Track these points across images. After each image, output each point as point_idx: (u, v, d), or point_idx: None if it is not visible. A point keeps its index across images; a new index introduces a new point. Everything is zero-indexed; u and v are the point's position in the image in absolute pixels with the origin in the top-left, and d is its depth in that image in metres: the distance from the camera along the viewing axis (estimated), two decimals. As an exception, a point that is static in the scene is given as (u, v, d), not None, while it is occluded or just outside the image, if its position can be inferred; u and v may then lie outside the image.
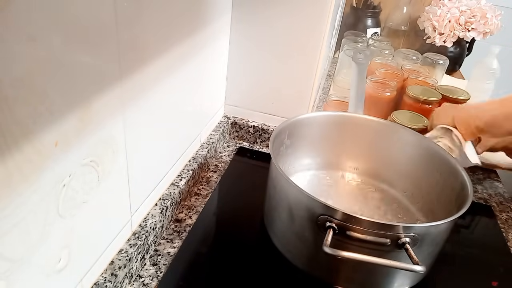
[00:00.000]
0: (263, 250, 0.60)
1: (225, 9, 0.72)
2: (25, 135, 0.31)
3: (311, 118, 0.70)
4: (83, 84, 0.37)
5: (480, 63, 1.12)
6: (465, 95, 0.92)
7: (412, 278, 0.55)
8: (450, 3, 1.26)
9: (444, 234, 0.53)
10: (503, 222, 0.73)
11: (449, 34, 1.26)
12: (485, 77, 1.10)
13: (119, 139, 0.45)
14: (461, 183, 0.58)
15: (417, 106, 0.87)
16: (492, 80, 1.10)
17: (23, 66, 0.29)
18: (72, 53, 0.35)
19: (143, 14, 0.45)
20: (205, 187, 0.72)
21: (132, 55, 0.45)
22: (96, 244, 0.46)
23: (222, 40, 0.75)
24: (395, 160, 0.70)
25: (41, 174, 0.34)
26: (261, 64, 0.79)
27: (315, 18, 0.72)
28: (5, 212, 0.30)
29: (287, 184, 0.53)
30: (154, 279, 0.53)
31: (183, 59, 0.58)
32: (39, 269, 0.37)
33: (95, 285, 0.47)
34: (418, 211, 0.66)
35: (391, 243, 0.48)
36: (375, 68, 0.98)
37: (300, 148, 0.71)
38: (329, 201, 0.49)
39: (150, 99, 0.51)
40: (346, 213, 0.48)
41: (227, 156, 0.81)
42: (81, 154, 0.39)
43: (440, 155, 0.64)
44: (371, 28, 1.32)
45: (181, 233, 0.61)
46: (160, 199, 0.61)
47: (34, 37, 0.30)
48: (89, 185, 0.41)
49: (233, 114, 0.86)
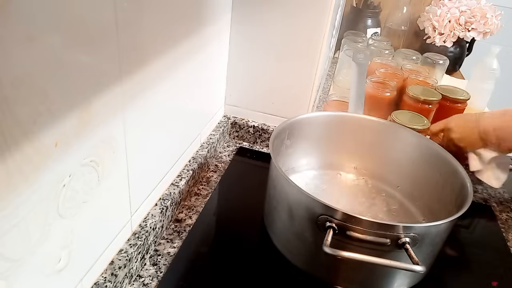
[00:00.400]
0: (263, 250, 0.60)
1: (225, 10, 0.72)
2: (25, 135, 0.31)
3: (311, 118, 0.70)
4: (83, 84, 0.37)
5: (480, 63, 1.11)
6: (465, 95, 0.92)
7: (412, 278, 0.55)
8: (450, 3, 1.26)
9: (444, 234, 0.53)
10: (503, 222, 0.73)
11: (449, 34, 1.26)
12: (485, 77, 1.09)
13: (119, 139, 0.45)
14: (461, 183, 0.58)
15: (417, 106, 0.87)
16: (492, 80, 1.09)
17: (23, 66, 0.29)
18: (72, 53, 0.35)
19: (143, 15, 0.45)
20: (205, 187, 0.72)
21: (132, 55, 0.45)
22: (96, 244, 0.46)
23: (222, 40, 0.75)
24: (395, 160, 0.70)
25: (41, 174, 0.34)
26: (261, 64, 0.79)
27: (315, 18, 0.72)
28: (5, 212, 0.30)
29: (287, 184, 0.53)
30: (154, 279, 0.53)
31: (183, 59, 0.58)
32: (39, 269, 0.37)
33: (95, 285, 0.47)
34: (418, 211, 0.66)
35: (391, 243, 0.48)
36: (375, 68, 0.98)
37: (300, 148, 0.71)
38: (329, 201, 0.49)
39: (150, 99, 0.51)
40: (346, 213, 0.48)
41: (227, 156, 0.81)
42: (81, 154, 0.39)
43: (440, 155, 0.64)
44: (371, 28, 1.32)
45: (181, 233, 0.61)
46: (160, 199, 0.61)
47: (34, 37, 0.30)
48: (89, 185, 0.41)
49: (233, 114, 0.86)
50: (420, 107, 0.87)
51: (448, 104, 0.91)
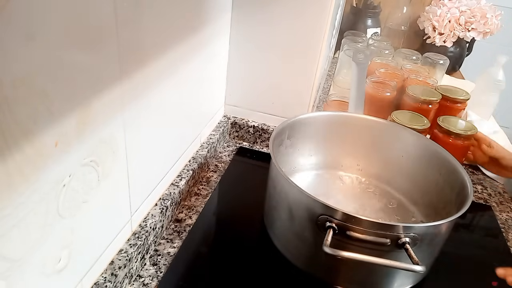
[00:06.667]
0: (263, 250, 0.60)
1: (225, 10, 0.72)
2: (25, 135, 0.31)
3: (311, 118, 0.70)
4: (83, 84, 0.37)
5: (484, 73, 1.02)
6: (465, 95, 0.92)
7: (412, 278, 0.55)
8: (450, 3, 1.26)
9: (444, 234, 0.53)
10: (503, 222, 0.73)
11: (449, 34, 1.26)
12: (489, 89, 1.01)
13: (119, 139, 0.45)
14: (461, 183, 0.58)
15: (417, 106, 0.87)
16: (497, 92, 1.01)
17: (23, 66, 0.29)
18: (72, 53, 0.35)
19: (143, 15, 0.45)
20: (205, 187, 0.72)
21: (132, 55, 0.45)
22: (96, 244, 0.46)
23: (222, 40, 0.75)
24: (395, 160, 0.70)
25: (41, 174, 0.34)
26: (261, 64, 0.79)
27: (315, 18, 0.72)
28: (5, 212, 0.30)
29: (287, 184, 0.53)
30: (154, 279, 0.53)
31: (183, 59, 0.58)
32: (39, 269, 0.37)
33: (95, 285, 0.47)
34: (418, 211, 0.66)
35: (391, 243, 0.48)
36: (375, 68, 0.98)
37: (300, 148, 0.71)
38: (329, 201, 0.49)
39: (150, 99, 0.51)
40: (346, 213, 0.48)
41: (227, 156, 0.81)
42: (81, 154, 0.39)
43: (440, 155, 0.64)
44: (371, 28, 1.32)
45: (181, 233, 0.61)
46: (160, 199, 0.61)
47: (34, 37, 0.30)
48: (89, 185, 0.41)
49: (233, 114, 0.86)
50: (420, 107, 0.87)
51: (448, 104, 0.91)
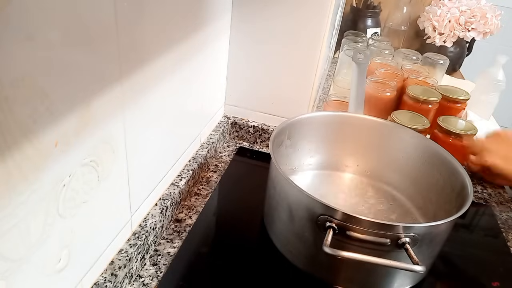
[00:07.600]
0: (263, 250, 0.60)
1: (225, 9, 0.72)
2: (25, 135, 0.31)
3: (311, 118, 0.70)
4: (83, 84, 0.37)
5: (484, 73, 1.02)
6: (465, 95, 0.92)
7: (412, 278, 0.55)
8: (450, 3, 1.26)
9: (444, 234, 0.53)
10: (503, 222, 0.73)
11: (449, 34, 1.26)
12: (489, 89, 1.00)
13: (119, 139, 0.45)
14: (461, 183, 0.58)
15: (417, 106, 0.87)
16: (497, 92, 1.01)
17: (23, 66, 0.29)
18: (72, 53, 0.35)
19: (143, 14, 0.45)
20: (205, 187, 0.72)
21: (132, 55, 0.45)
22: (96, 244, 0.46)
23: (222, 40, 0.75)
24: (395, 160, 0.70)
25: (41, 174, 0.34)
26: (261, 64, 0.79)
27: (315, 18, 0.72)
28: (5, 212, 0.30)
29: (287, 184, 0.53)
30: (154, 279, 0.53)
31: (183, 59, 0.58)
32: (39, 269, 0.37)
33: (95, 285, 0.47)
34: (418, 211, 0.66)
35: (391, 243, 0.48)
36: (375, 68, 0.98)
37: (300, 148, 0.71)
38: (329, 201, 0.49)
39: (150, 99, 0.51)
40: (346, 213, 0.48)
41: (227, 156, 0.81)
42: (81, 154, 0.39)
43: (440, 155, 0.64)
44: (371, 28, 1.32)
45: (181, 233, 0.61)
46: (160, 199, 0.61)
47: (34, 37, 0.30)
48: (89, 185, 0.41)
49: (233, 114, 0.86)
50: (420, 107, 0.87)
51: (448, 104, 0.91)
